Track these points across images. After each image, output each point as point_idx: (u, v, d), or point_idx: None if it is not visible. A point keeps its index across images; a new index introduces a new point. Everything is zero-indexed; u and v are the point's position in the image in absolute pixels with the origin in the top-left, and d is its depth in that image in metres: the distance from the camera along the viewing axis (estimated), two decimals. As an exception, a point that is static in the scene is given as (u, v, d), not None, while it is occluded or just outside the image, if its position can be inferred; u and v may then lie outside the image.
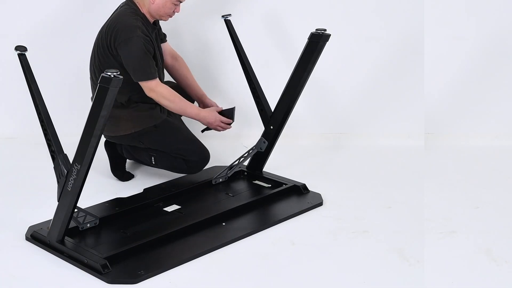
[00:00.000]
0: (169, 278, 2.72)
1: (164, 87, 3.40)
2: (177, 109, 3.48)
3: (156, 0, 3.39)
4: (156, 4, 3.40)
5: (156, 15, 3.45)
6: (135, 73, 3.35)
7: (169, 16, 3.47)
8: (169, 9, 3.43)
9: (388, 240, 3.00)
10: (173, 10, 3.44)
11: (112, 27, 3.36)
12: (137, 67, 3.34)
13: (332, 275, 2.74)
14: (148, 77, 3.35)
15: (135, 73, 3.35)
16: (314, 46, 3.34)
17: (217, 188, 3.53)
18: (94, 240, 2.99)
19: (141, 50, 3.32)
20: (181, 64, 3.73)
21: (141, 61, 3.33)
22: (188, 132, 3.60)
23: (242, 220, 3.19)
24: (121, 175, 3.66)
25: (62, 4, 4.17)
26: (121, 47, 3.32)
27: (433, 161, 3.90)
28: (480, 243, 2.96)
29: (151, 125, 3.49)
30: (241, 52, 3.59)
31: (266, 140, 3.56)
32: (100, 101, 2.61)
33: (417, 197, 3.44)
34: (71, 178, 2.75)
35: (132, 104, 3.46)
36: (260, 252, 2.91)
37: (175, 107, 3.45)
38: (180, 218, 3.20)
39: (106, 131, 3.53)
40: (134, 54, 3.32)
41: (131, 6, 3.43)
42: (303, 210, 3.27)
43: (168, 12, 3.44)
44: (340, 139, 4.17)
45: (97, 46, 3.43)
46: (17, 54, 2.81)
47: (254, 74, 3.57)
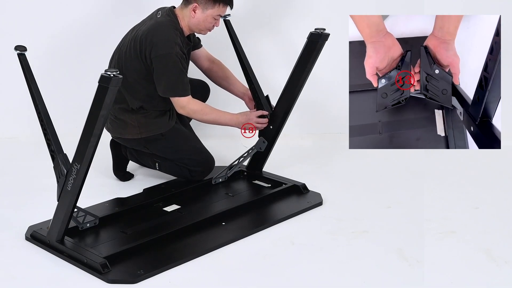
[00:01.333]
0: (168, 278, 2.72)
1: (195, 103, 3.39)
2: (211, 121, 3.47)
3: (197, 15, 3.36)
4: (197, 19, 3.37)
5: (195, 29, 3.43)
6: (167, 88, 3.33)
7: (209, 30, 3.45)
8: (209, 24, 3.40)
9: (388, 240, 3.00)
10: (213, 24, 3.42)
11: (150, 36, 3.32)
12: (171, 83, 3.32)
13: (332, 275, 2.74)
14: (181, 94, 3.34)
15: (166, 89, 3.33)
16: (313, 46, 3.34)
17: (217, 188, 3.53)
18: (93, 239, 2.99)
19: (177, 68, 3.30)
20: (220, 66, 3.70)
21: (176, 78, 3.32)
22: (195, 142, 3.58)
23: (241, 220, 3.19)
24: (122, 175, 3.66)
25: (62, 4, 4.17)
26: (157, 61, 3.30)
27: (432, 161, 3.90)
28: (479, 243, 2.96)
29: (158, 133, 3.48)
30: (240, 52, 3.59)
31: (266, 140, 3.56)
32: (100, 100, 2.61)
33: (416, 197, 3.44)
34: (71, 177, 2.75)
35: (141, 111, 3.44)
36: (259, 252, 2.91)
37: (208, 119, 3.44)
38: (179, 218, 3.20)
39: (112, 132, 3.53)
40: (170, 70, 3.30)
41: (172, 17, 3.38)
42: (302, 210, 3.27)
43: (208, 27, 3.42)
44: (340, 139, 4.17)
45: (128, 47, 3.39)
46: (17, 54, 2.81)
47: (254, 74, 3.57)
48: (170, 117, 3.50)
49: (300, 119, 4.15)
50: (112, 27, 4.16)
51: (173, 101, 3.38)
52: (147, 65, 3.35)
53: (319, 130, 4.29)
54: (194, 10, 3.36)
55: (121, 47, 3.45)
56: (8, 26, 4.16)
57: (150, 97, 3.41)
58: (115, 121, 3.48)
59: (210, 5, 3.35)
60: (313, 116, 4.30)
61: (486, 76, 2.94)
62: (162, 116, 3.48)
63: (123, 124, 3.46)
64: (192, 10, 3.37)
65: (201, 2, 3.35)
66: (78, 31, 4.19)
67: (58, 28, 4.19)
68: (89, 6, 4.18)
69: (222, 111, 3.51)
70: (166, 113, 3.49)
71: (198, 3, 3.35)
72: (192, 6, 3.36)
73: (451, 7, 4.09)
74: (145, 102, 3.42)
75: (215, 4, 3.35)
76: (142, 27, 3.40)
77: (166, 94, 3.36)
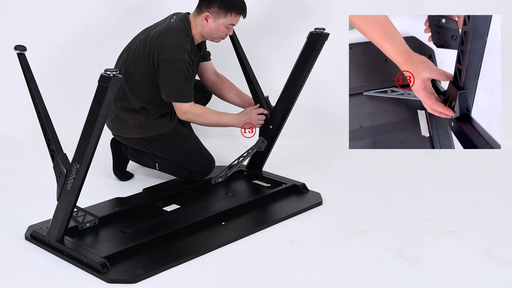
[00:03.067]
0: (168, 278, 2.72)
1: (196, 108, 3.39)
2: (212, 124, 3.46)
3: (209, 24, 3.35)
4: (209, 28, 3.36)
5: (208, 37, 3.42)
6: (170, 93, 3.32)
7: (222, 39, 3.44)
8: (221, 32, 3.39)
9: (387, 239, 3.00)
10: (225, 33, 3.41)
11: (160, 39, 3.31)
12: (175, 88, 3.31)
13: (331, 275, 2.74)
14: (184, 100, 3.34)
15: (170, 93, 3.33)
16: (313, 45, 3.34)
17: (216, 187, 3.53)
18: (93, 239, 2.99)
19: (182, 73, 3.29)
20: (224, 79, 3.68)
21: (180, 84, 3.31)
22: (195, 143, 3.58)
23: (241, 219, 3.19)
24: (121, 175, 3.66)
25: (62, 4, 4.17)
26: (163, 64, 3.29)
27: (432, 160, 3.90)
28: (479, 243, 2.96)
29: (158, 133, 3.48)
30: (240, 52, 3.59)
31: (266, 140, 3.56)
32: (99, 100, 2.61)
33: (416, 197, 3.44)
34: (71, 177, 2.75)
35: (143, 111, 3.44)
36: (259, 252, 2.91)
37: (210, 122, 3.44)
38: (179, 217, 3.20)
39: (113, 130, 3.53)
40: (175, 75, 3.29)
41: (185, 24, 3.37)
42: (302, 210, 3.27)
43: (221, 35, 3.41)
44: (340, 138, 4.17)
45: (137, 47, 3.38)
46: (17, 54, 2.81)
47: (253, 74, 3.57)
48: (171, 119, 3.50)
49: (300, 118, 4.15)
50: (112, 27, 4.16)
51: (175, 106, 3.37)
52: (154, 67, 3.34)
53: (318, 130, 4.29)
54: (206, 19, 3.35)
55: (131, 47, 3.44)
56: (8, 26, 4.16)
57: (153, 99, 3.41)
58: (116, 120, 3.49)
59: (222, 14, 3.34)
60: (312, 115, 4.30)
61: (459, 68, 2.90)
62: (163, 117, 3.48)
63: (124, 123, 3.46)
64: (204, 19, 3.35)
65: (213, 11, 3.34)
66: (78, 31, 4.19)
67: (58, 28, 4.19)
68: (89, 6, 4.18)
69: (223, 112, 3.50)
70: (167, 114, 3.48)
71: (210, 12, 3.34)
72: (204, 15, 3.35)
73: (451, 7, 4.09)
74: (147, 103, 3.42)
75: (227, 13, 3.34)
76: (154, 29, 3.40)
77: (169, 99, 3.36)
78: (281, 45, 4.25)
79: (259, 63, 3.96)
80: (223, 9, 3.33)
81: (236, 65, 3.63)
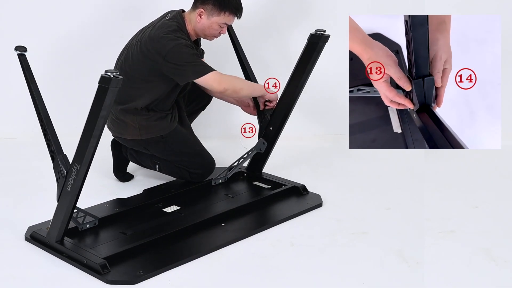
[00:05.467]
0: (168, 279, 2.72)
1: (227, 75, 3.35)
2: (249, 90, 3.44)
3: (202, 20, 3.36)
4: (202, 24, 3.37)
5: (201, 34, 3.42)
6: (195, 71, 3.28)
7: (215, 37, 3.44)
8: (214, 30, 3.39)
9: (388, 241, 3.00)
10: (218, 31, 3.41)
11: (157, 36, 3.29)
12: (194, 66, 3.28)
13: (332, 276, 2.74)
14: (209, 69, 3.30)
15: (195, 72, 3.28)
16: (313, 47, 3.34)
17: (216, 189, 3.53)
18: (93, 240, 2.99)
19: (190, 53, 3.28)
20: None
21: (195, 60, 3.29)
22: (195, 144, 3.57)
23: (241, 221, 3.19)
24: (122, 176, 3.66)
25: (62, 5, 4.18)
26: (170, 56, 3.26)
27: (432, 161, 3.90)
28: (479, 243, 2.96)
29: (158, 135, 3.48)
30: (240, 53, 3.59)
31: (266, 141, 3.56)
32: (100, 101, 2.61)
33: (416, 197, 3.44)
34: (71, 178, 2.75)
35: (143, 112, 3.43)
36: (259, 253, 2.91)
37: (247, 87, 3.42)
38: (179, 219, 3.20)
39: (113, 130, 3.53)
40: (185, 57, 3.26)
41: (179, 20, 3.37)
42: (302, 211, 3.27)
43: (214, 33, 3.41)
44: (340, 140, 4.17)
45: (135, 48, 3.37)
46: (17, 55, 2.81)
47: (254, 76, 3.57)
48: (171, 119, 3.50)
49: (300, 120, 4.15)
50: (112, 28, 4.17)
51: (206, 81, 3.30)
52: (158, 64, 3.30)
53: (319, 131, 4.29)
54: (200, 15, 3.36)
55: (129, 48, 3.44)
56: (8, 26, 4.16)
57: (158, 97, 3.41)
58: (116, 121, 3.49)
59: (216, 12, 3.35)
60: (313, 117, 4.30)
61: (409, 58, 2.88)
62: (163, 119, 3.47)
63: (124, 125, 3.46)
64: (198, 15, 3.36)
65: (208, 8, 3.34)
66: (78, 32, 4.19)
67: (58, 29, 4.19)
68: (89, 6, 4.18)
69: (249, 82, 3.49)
70: (167, 115, 3.48)
71: (204, 8, 3.35)
72: (198, 11, 3.36)
73: (451, 7, 4.09)
74: (153, 103, 3.42)
75: (221, 12, 3.34)
76: (149, 28, 3.40)
77: (196, 79, 3.29)
78: (281, 47, 4.25)
79: (260, 64, 3.96)
80: (217, 7, 3.34)
81: (236, 65, 3.63)
